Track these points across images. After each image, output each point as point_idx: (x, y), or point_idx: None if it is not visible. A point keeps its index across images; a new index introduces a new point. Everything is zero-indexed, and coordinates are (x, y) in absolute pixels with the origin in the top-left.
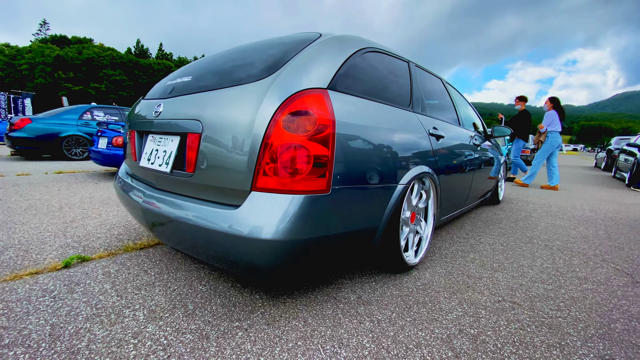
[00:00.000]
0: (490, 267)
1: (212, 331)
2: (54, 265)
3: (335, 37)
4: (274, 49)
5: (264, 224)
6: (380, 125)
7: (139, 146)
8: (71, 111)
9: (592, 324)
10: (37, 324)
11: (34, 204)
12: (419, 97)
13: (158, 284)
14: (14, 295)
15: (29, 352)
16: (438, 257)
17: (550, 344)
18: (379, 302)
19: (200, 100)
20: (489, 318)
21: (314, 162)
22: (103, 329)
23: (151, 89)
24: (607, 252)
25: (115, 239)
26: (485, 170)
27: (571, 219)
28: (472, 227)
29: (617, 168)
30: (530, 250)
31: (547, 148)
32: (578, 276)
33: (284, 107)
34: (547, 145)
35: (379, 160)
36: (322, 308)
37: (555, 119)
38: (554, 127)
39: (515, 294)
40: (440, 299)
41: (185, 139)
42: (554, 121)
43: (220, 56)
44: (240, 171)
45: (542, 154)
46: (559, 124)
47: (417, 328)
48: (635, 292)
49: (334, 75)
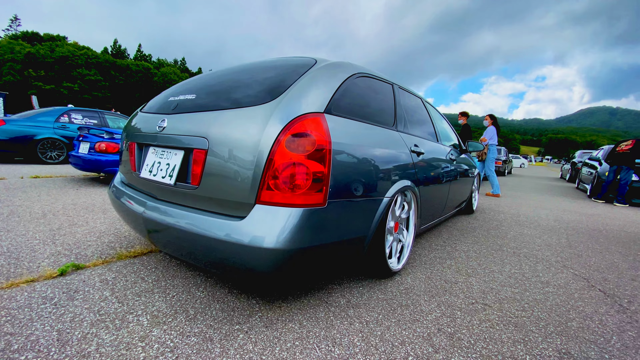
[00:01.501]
0: (465, 273)
1: (215, 334)
2: (50, 273)
3: (330, 65)
4: (272, 72)
5: (267, 234)
6: (369, 144)
7: (139, 157)
8: (47, 113)
9: (551, 322)
10: (42, 329)
11: (15, 210)
12: (402, 117)
13: (157, 291)
14: (14, 302)
15: (40, 356)
16: (418, 263)
17: (516, 340)
18: (367, 305)
19: (207, 118)
20: (463, 318)
21: (312, 178)
22: (110, 334)
23: (148, 102)
24: (567, 258)
25: (106, 247)
26: (461, 182)
27: (537, 228)
28: (448, 235)
29: (580, 180)
30: (500, 257)
31: (491, 158)
32: (541, 280)
33: (287, 129)
34: (490, 156)
35: (368, 175)
36: (315, 311)
37: (494, 134)
38: (494, 140)
39: (487, 296)
40: (421, 301)
41: (189, 154)
42: (494, 135)
43: (221, 75)
44: (245, 185)
45: (489, 164)
46: (496, 138)
47: (401, 328)
48: (590, 294)
49: (329, 100)
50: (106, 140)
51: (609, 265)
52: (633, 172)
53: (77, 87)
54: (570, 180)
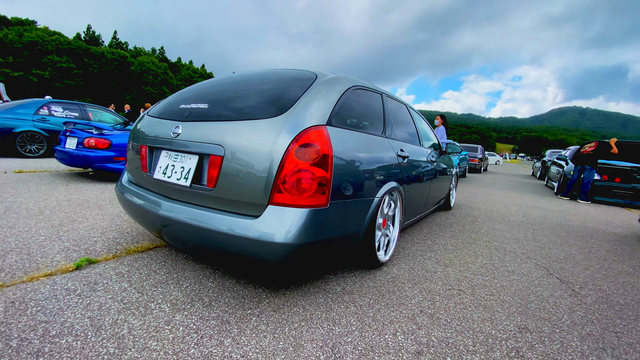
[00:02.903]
0: (443, 263)
1: (231, 317)
2: (66, 267)
3: (329, 80)
4: (278, 86)
5: (277, 231)
6: (363, 151)
7: (150, 160)
8: (26, 105)
9: (514, 304)
10: (74, 317)
11: (9, 207)
12: (390, 124)
13: (171, 282)
14: (39, 294)
15: (79, 339)
16: (402, 255)
17: (484, 318)
18: (359, 291)
19: (223, 128)
20: (441, 301)
21: (318, 182)
22: (138, 319)
23: (156, 106)
24: (531, 250)
25: (113, 242)
26: (440, 181)
27: (507, 223)
28: (429, 230)
29: (549, 178)
30: (474, 249)
31: None
32: (508, 270)
33: (295, 140)
34: None
35: (362, 179)
36: (315, 298)
37: (444, 133)
38: (444, 139)
39: (461, 284)
40: (406, 288)
41: (204, 159)
42: (444, 135)
43: (229, 84)
44: (259, 189)
45: None
46: (446, 137)
47: (390, 310)
48: (548, 281)
49: (330, 112)
50: (95, 136)
51: (567, 256)
52: (595, 171)
53: (47, 74)
54: (541, 178)
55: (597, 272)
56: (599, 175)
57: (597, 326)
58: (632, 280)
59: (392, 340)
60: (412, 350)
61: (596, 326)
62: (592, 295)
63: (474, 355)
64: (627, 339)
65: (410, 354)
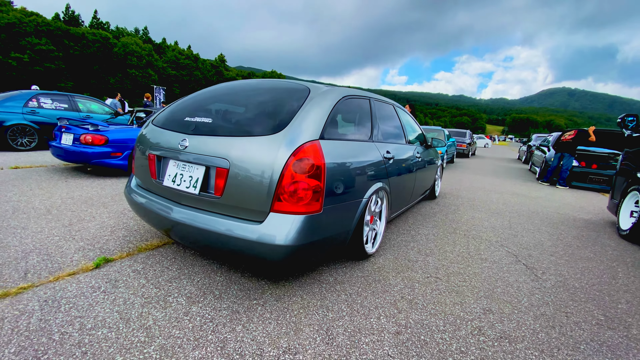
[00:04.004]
0: (424, 253)
1: (240, 307)
2: (86, 266)
3: (321, 94)
4: (274, 102)
5: (278, 234)
6: (352, 158)
7: (159, 167)
8: (15, 98)
9: (482, 289)
10: (104, 312)
11: (17, 206)
12: (377, 126)
13: (183, 277)
14: (68, 292)
15: (113, 330)
16: (388, 246)
17: (455, 302)
18: (349, 281)
19: (227, 143)
20: (420, 288)
21: (312, 191)
22: (160, 311)
23: (160, 115)
24: (505, 238)
25: (124, 241)
26: (425, 173)
27: (487, 212)
28: (413, 220)
29: (532, 163)
30: (453, 239)
31: None
32: (481, 257)
33: (293, 155)
34: None
35: (351, 183)
36: (311, 287)
37: None
38: None
39: (439, 272)
40: (389, 277)
41: (210, 169)
42: None
43: (230, 96)
44: (262, 198)
45: None
46: None
47: (375, 297)
48: (515, 267)
49: (322, 127)
50: (92, 132)
51: (536, 243)
52: (574, 158)
53: (26, 57)
54: (526, 162)
55: (561, 257)
56: (577, 162)
57: (551, 307)
58: (590, 265)
59: (376, 323)
60: (393, 331)
61: (550, 307)
62: (551, 279)
63: (443, 334)
64: (575, 318)
65: (390, 334)
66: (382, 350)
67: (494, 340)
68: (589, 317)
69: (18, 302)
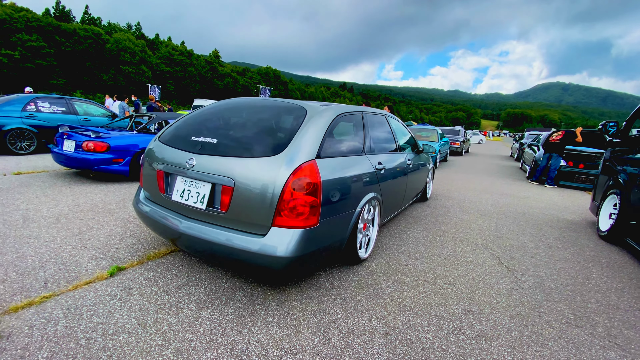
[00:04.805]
0: (414, 256)
1: (245, 312)
2: (101, 275)
3: (317, 115)
4: (274, 123)
5: (279, 246)
6: (346, 172)
7: (167, 182)
8: (13, 102)
9: (465, 291)
10: (123, 318)
11: (26, 215)
12: (369, 139)
13: (191, 284)
14: (88, 301)
15: (132, 335)
16: (380, 250)
17: (440, 304)
18: (344, 285)
19: (232, 163)
20: (408, 291)
21: (310, 207)
22: (173, 317)
23: (166, 132)
24: (490, 241)
25: (132, 249)
26: (416, 178)
27: (475, 214)
28: (405, 223)
29: (523, 161)
30: (442, 242)
31: None
32: (467, 260)
33: (293, 174)
34: None
35: (345, 196)
36: (309, 292)
37: None
38: None
39: (427, 275)
40: (381, 281)
41: (216, 187)
42: None
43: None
44: (264, 213)
45: None
46: None
47: (367, 300)
48: (497, 270)
49: (319, 147)
50: (94, 140)
51: (519, 245)
52: (561, 158)
53: (17, 54)
54: (518, 160)
55: (541, 259)
56: (564, 162)
57: (526, 307)
58: (567, 266)
59: (368, 324)
60: (382, 332)
61: (525, 307)
62: (530, 281)
63: (427, 334)
64: (547, 317)
65: (380, 334)
66: (372, 349)
67: (472, 338)
68: (560, 316)
69: (43, 311)
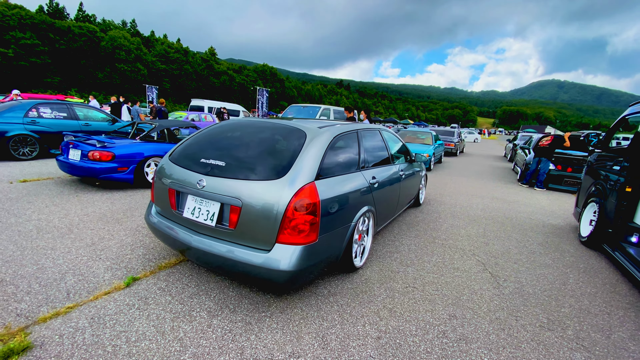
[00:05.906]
0: (405, 264)
1: (252, 319)
2: (118, 285)
3: (316, 137)
4: (277, 147)
5: (282, 261)
6: (342, 189)
7: (178, 200)
8: (15, 109)
9: (451, 297)
10: (143, 326)
11: (39, 225)
12: (364, 155)
13: (202, 293)
14: (109, 310)
15: (153, 342)
16: (374, 258)
17: (427, 310)
18: (341, 293)
19: (240, 185)
20: (399, 297)
21: (310, 225)
22: (187, 324)
23: (176, 152)
24: (477, 247)
25: (144, 259)
26: (409, 186)
27: (465, 219)
28: (398, 230)
29: (515, 163)
30: (432, 248)
31: None
32: (454, 267)
33: (295, 196)
34: None
35: (341, 212)
36: (308, 300)
37: None
38: None
39: (416, 281)
40: (374, 288)
41: (225, 206)
42: None
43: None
44: (269, 231)
45: None
46: None
47: (362, 306)
48: (482, 276)
49: (317, 169)
50: (99, 149)
51: (504, 251)
52: (550, 162)
53: (11, 52)
54: (511, 160)
55: (523, 265)
56: (553, 165)
57: (505, 312)
58: (546, 272)
59: (362, 329)
60: (375, 336)
61: (504, 312)
62: (510, 286)
63: (414, 337)
64: (522, 321)
65: (373, 339)
66: (365, 352)
67: (454, 342)
68: (534, 320)
69: (69, 320)
